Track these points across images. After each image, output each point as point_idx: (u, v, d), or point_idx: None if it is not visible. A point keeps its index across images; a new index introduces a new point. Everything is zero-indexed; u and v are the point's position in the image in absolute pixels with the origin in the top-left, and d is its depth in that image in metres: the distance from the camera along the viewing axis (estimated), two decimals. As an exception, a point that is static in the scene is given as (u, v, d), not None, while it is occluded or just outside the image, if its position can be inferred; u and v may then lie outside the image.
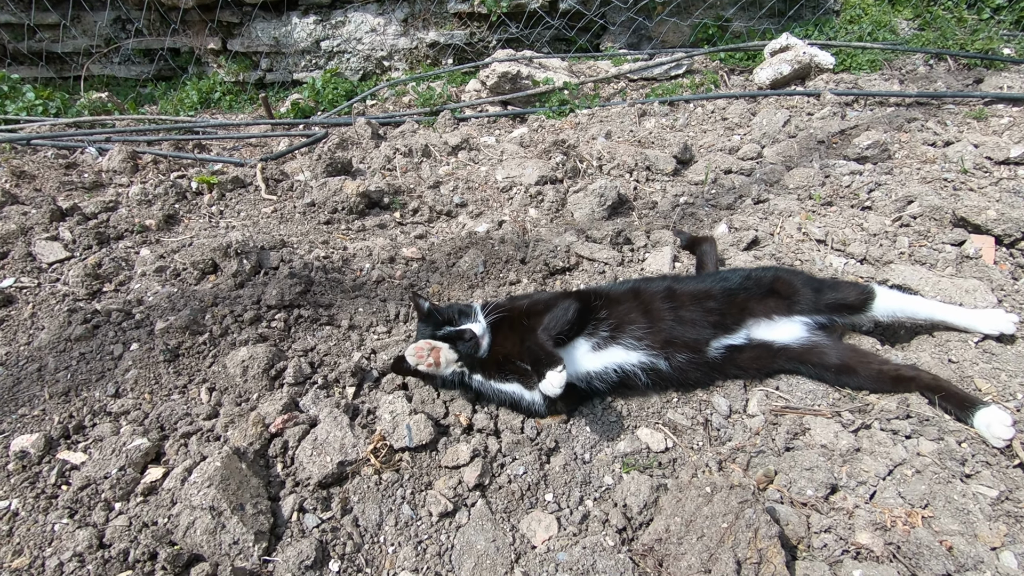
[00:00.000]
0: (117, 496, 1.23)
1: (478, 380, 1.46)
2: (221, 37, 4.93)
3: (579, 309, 1.49)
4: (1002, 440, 1.32)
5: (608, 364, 1.47)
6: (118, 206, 2.47)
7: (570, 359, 1.45)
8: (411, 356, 1.36)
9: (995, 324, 1.61)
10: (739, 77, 4.13)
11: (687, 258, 2.15)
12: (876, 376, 1.51)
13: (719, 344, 1.53)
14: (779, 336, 1.58)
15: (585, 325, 1.50)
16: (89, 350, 1.63)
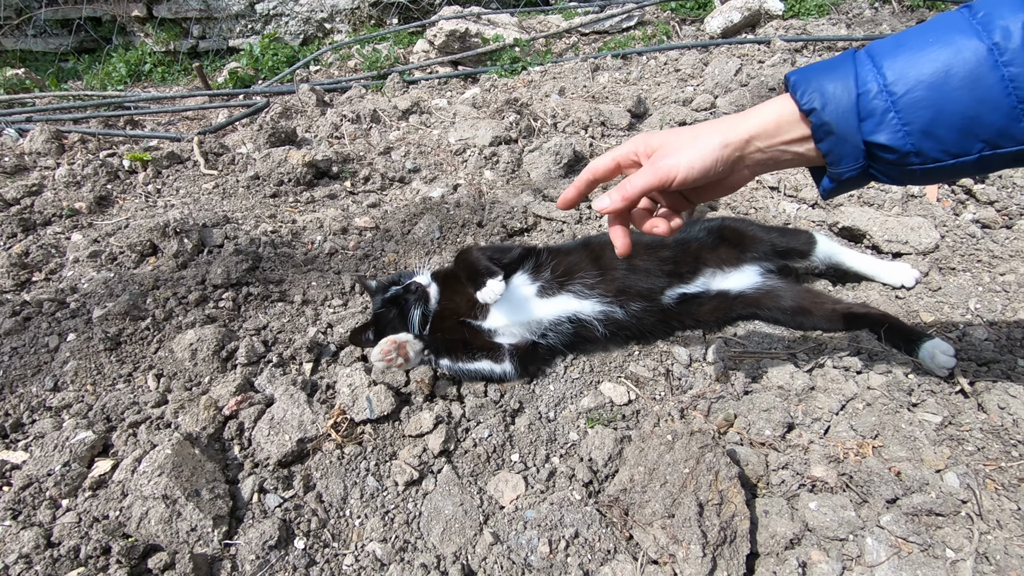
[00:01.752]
0: (63, 493, 1.18)
1: (446, 364, 1.43)
2: (145, 3, 4.58)
3: (523, 250, 1.49)
4: (945, 369, 1.38)
5: (561, 312, 1.46)
6: (43, 190, 2.30)
7: (519, 305, 1.45)
8: (379, 361, 1.29)
9: (900, 277, 1.72)
10: (690, 27, 4.08)
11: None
12: (829, 316, 1.55)
13: (674, 293, 1.54)
14: (735, 284, 1.60)
15: (525, 264, 1.49)
16: (21, 344, 1.54)
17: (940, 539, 1.06)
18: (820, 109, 0.80)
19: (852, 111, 0.78)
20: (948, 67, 0.74)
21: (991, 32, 0.72)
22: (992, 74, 0.72)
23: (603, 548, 1.09)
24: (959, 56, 0.73)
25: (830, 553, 1.05)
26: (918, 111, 0.75)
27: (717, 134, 0.87)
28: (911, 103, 0.75)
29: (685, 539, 1.01)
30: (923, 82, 0.75)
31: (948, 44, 0.74)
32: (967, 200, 2.09)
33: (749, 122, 0.87)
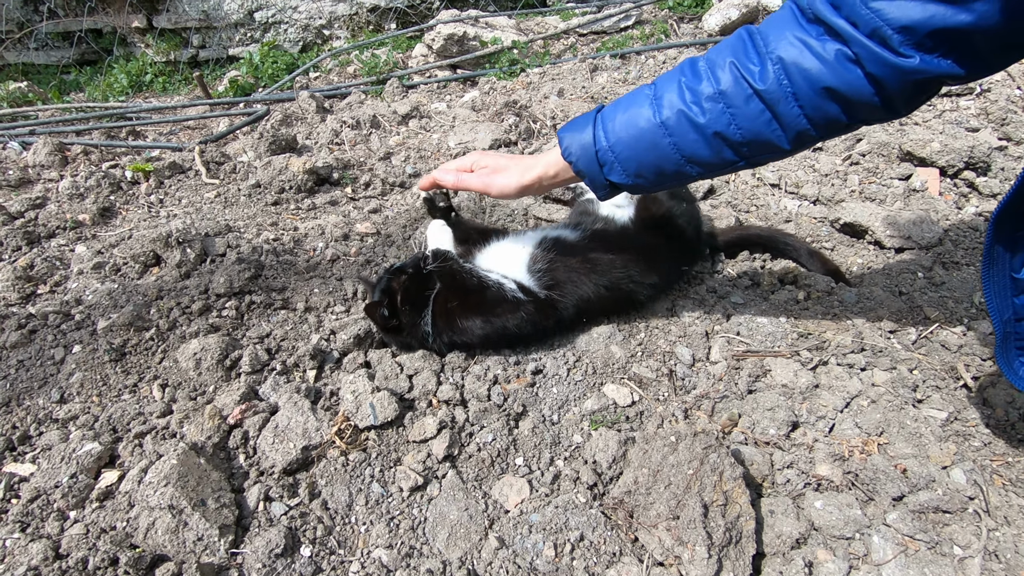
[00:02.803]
0: (71, 504, 1.18)
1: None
2: (145, 14, 4.61)
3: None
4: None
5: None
6: (47, 202, 2.32)
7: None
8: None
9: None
10: (689, 25, 4.07)
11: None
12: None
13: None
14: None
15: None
16: (28, 356, 1.55)
17: (947, 536, 1.06)
18: (576, 161, 1.21)
19: (595, 162, 1.19)
20: (639, 134, 1.12)
21: (661, 110, 1.10)
22: (663, 141, 1.10)
23: (608, 551, 1.09)
24: (644, 126, 1.12)
25: (836, 552, 1.05)
26: (629, 163, 1.15)
27: (516, 175, 1.31)
28: (624, 158, 1.15)
29: (690, 540, 1.01)
30: (628, 144, 1.14)
31: (638, 116, 1.12)
32: (970, 193, 2.08)
33: (539, 168, 1.29)
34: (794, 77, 0.97)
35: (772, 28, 1.01)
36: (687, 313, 1.67)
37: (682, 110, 1.07)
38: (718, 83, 1.04)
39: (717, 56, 1.07)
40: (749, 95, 1.02)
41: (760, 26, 1.04)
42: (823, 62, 0.95)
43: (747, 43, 1.03)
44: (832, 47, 0.94)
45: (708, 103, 1.05)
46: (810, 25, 0.97)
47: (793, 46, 0.97)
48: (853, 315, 1.62)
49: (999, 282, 1.03)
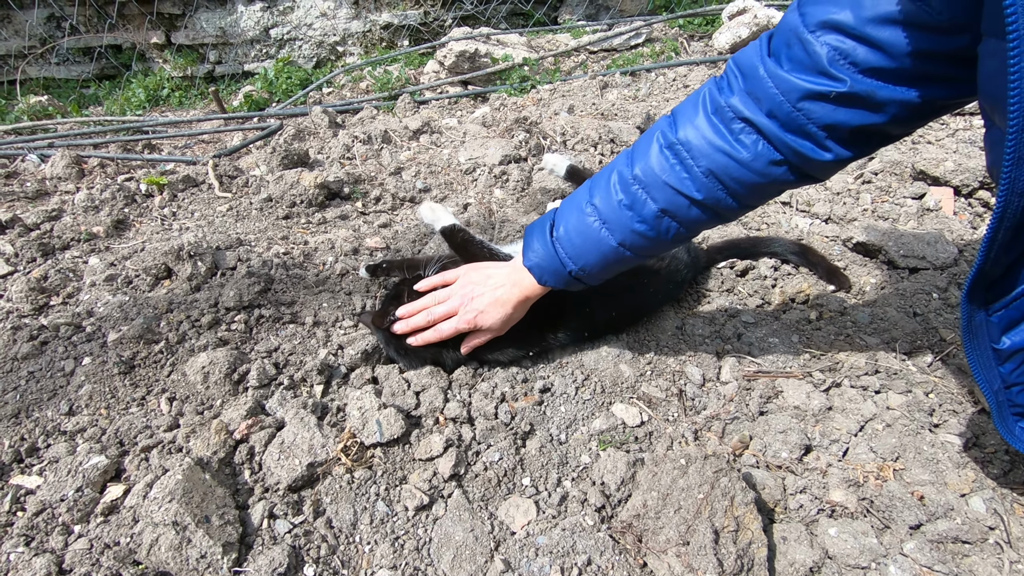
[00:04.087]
0: (76, 519, 1.18)
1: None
2: (164, 30, 4.71)
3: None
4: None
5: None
6: (63, 214, 2.35)
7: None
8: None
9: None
10: (699, 43, 4.09)
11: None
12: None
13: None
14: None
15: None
16: (38, 368, 1.56)
17: (967, 568, 1.03)
18: (539, 278, 1.34)
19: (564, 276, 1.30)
20: (585, 234, 1.23)
21: (593, 209, 1.21)
22: (600, 233, 1.20)
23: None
24: (587, 227, 1.22)
25: (852, 582, 1.02)
26: (579, 258, 1.26)
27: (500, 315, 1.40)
28: (576, 255, 1.26)
29: (700, 567, 0.99)
30: (576, 245, 1.25)
31: (582, 221, 1.23)
32: (984, 213, 2.05)
33: (524, 290, 1.36)
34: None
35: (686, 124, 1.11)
36: (697, 332, 1.66)
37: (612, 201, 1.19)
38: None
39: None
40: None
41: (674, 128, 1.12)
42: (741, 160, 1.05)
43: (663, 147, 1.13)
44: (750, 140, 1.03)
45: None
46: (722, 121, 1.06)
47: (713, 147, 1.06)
48: (866, 336, 1.60)
49: (982, 354, 1.02)
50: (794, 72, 0.93)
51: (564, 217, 1.27)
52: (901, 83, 0.88)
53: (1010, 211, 0.82)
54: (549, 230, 1.29)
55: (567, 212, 1.27)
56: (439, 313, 1.43)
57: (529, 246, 1.33)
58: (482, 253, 1.67)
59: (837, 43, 0.88)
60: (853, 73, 0.88)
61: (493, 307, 1.37)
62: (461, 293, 1.42)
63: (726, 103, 1.02)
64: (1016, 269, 0.91)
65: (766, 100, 0.96)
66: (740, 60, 1.03)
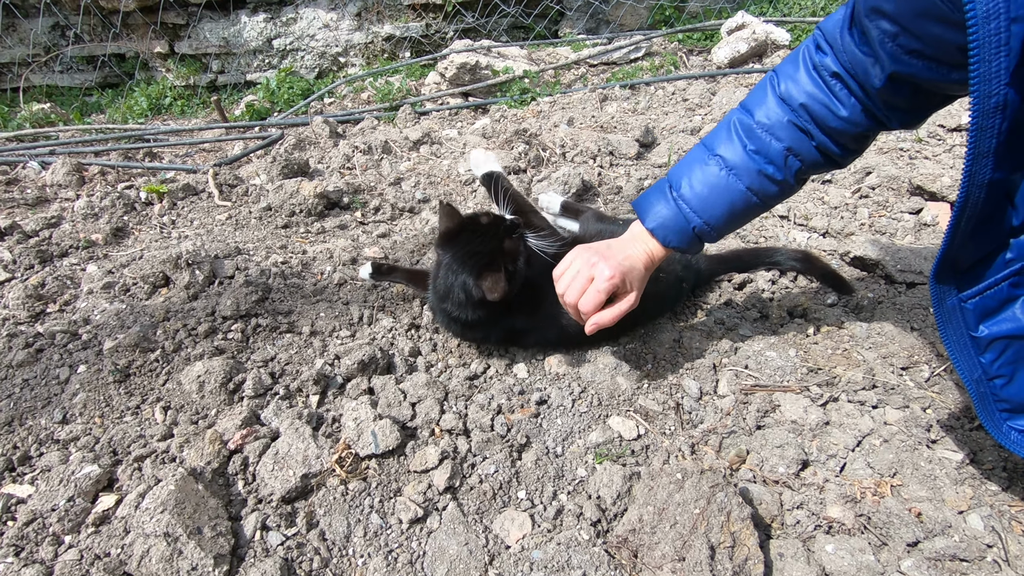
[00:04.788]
0: (66, 529, 1.17)
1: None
2: (167, 40, 4.75)
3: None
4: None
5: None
6: (62, 221, 2.35)
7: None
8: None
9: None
10: (698, 57, 4.13)
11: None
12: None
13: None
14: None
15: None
16: (33, 375, 1.55)
17: (965, 587, 1.02)
18: (664, 239, 1.31)
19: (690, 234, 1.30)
20: (712, 184, 1.25)
21: (718, 160, 1.25)
22: (727, 180, 1.24)
23: (612, 592, 1.05)
24: (714, 177, 1.25)
25: (849, 600, 1.01)
26: (705, 210, 1.27)
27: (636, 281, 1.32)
28: (703, 207, 1.27)
29: (696, 584, 0.98)
30: (703, 196, 1.27)
31: (708, 172, 1.25)
32: (982, 228, 2.06)
33: (649, 250, 1.33)
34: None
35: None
36: (694, 345, 1.65)
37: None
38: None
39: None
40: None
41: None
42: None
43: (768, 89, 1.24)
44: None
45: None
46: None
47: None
48: (864, 350, 1.60)
49: (959, 341, 1.05)
50: (860, 48, 1.05)
51: (683, 175, 1.28)
52: (940, 64, 0.94)
53: (971, 201, 0.90)
54: (668, 190, 1.29)
55: (686, 171, 1.28)
56: (576, 290, 1.29)
57: (648, 209, 1.31)
58: (525, 205, 1.76)
59: (886, 27, 0.96)
60: (900, 54, 0.96)
61: (629, 261, 1.28)
62: (589, 260, 1.29)
63: (821, 63, 1.14)
64: (991, 258, 0.97)
65: (848, 66, 1.10)
66: (826, 29, 1.14)
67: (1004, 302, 0.96)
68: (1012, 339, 0.96)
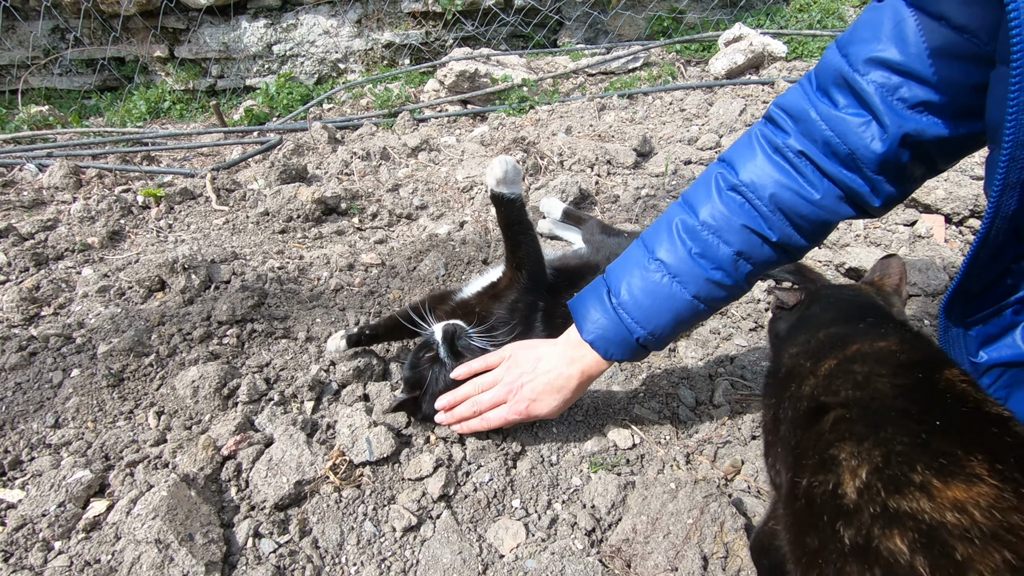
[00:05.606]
0: (56, 534, 1.16)
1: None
2: (167, 44, 4.76)
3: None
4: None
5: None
6: (58, 224, 2.35)
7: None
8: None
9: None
10: (695, 68, 4.16)
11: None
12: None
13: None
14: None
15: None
16: (26, 379, 1.54)
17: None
18: (605, 352, 1.21)
19: (633, 345, 1.19)
20: (654, 292, 1.14)
21: (659, 264, 1.13)
22: (671, 288, 1.13)
23: (605, 603, 1.05)
24: (655, 285, 1.14)
25: (843, 612, 1.01)
26: (648, 321, 1.16)
27: (556, 402, 1.27)
28: (645, 318, 1.16)
29: (690, 595, 0.97)
30: (645, 306, 1.16)
31: (648, 279, 1.14)
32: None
33: (585, 369, 1.24)
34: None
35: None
36: (690, 354, 1.66)
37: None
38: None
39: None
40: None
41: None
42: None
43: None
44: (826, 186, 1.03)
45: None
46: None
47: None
48: (859, 361, 1.60)
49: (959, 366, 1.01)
50: (846, 111, 0.93)
51: (621, 279, 1.16)
52: (949, 117, 0.87)
53: (993, 233, 0.83)
54: (607, 296, 1.18)
55: (624, 273, 1.17)
56: (485, 402, 1.29)
57: (584, 318, 1.20)
58: (524, 242, 1.47)
59: (884, 79, 0.88)
60: (902, 109, 0.88)
61: (547, 394, 1.24)
62: (508, 380, 1.27)
63: (783, 143, 1.01)
64: (995, 287, 0.92)
65: (822, 141, 0.97)
66: (786, 104, 1.02)
67: (1006, 329, 0.93)
68: (1009, 366, 0.93)
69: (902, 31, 0.86)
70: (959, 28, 0.81)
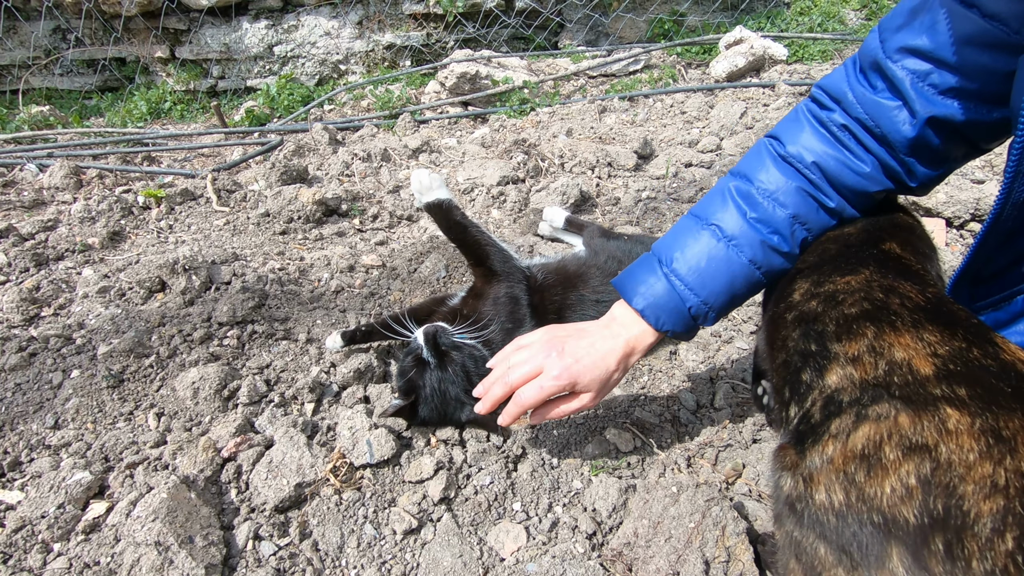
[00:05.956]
0: (56, 536, 1.15)
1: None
2: (169, 45, 4.76)
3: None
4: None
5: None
6: (58, 225, 2.34)
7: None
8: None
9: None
10: (696, 71, 4.17)
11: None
12: None
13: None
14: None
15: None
16: (26, 380, 1.54)
17: (961, 604, 1.01)
18: (656, 321, 1.13)
19: (688, 318, 1.13)
20: (710, 256, 1.10)
21: (715, 230, 1.10)
22: (727, 252, 1.09)
23: (606, 606, 1.04)
24: (711, 249, 1.10)
25: (844, 617, 1.00)
26: (703, 287, 1.11)
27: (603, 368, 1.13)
28: (699, 283, 1.11)
29: (692, 599, 0.97)
30: (699, 271, 1.11)
31: (704, 244, 1.10)
32: (976, 245, 2.07)
33: (631, 340, 1.14)
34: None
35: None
36: (691, 357, 1.66)
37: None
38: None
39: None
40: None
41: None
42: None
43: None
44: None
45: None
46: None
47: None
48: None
49: None
50: (881, 95, 0.96)
51: (673, 248, 1.12)
52: (981, 103, 0.89)
53: (1004, 217, 0.85)
54: (658, 265, 1.13)
55: (676, 243, 1.12)
56: (518, 377, 1.11)
57: (636, 286, 1.13)
58: (481, 241, 1.50)
59: (915, 66, 0.90)
60: (933, 95, 0.90)
61: (591, 361, 1.10)
62: (545, 348, 1.12)
63: (828, 118, 1.03)
64: (1007, 273, 0.93)
65: (859, 120, 1.00)
66: (828, 86, 1.04)
67: (1016, 315, 0.93)
68: None
69: (934, 19, 0.87)
70: (990, 16, 0.82)
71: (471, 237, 1.56)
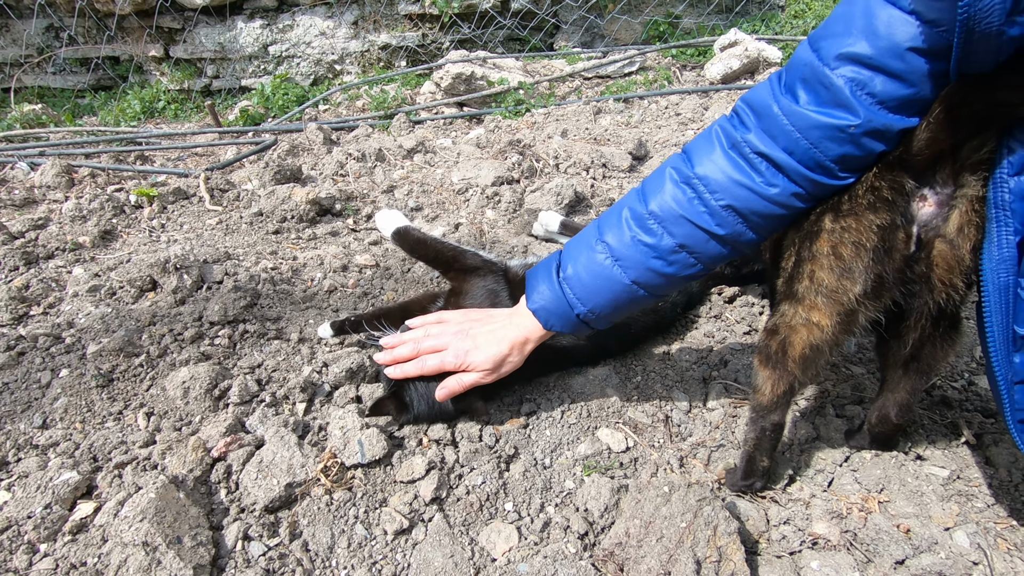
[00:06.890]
0: (42, 537, 1.14)
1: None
2: (163, 44, 4.74)
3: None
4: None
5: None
6: (49, 223, 2.32)
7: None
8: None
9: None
10: (691, 73, 4.18)
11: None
12: None
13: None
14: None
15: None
16: (13, 379, 1.52)
17: (951, 604, 1.02)
18: (546, 322, 1.27)
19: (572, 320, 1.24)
20: (596, 273, 1.18)
21: (604, 247, 1.17)
22: (612, 271, 1.16)
23: (597, 607, 1.04)
24: (598, 266, 1.17)
25: (835, 617, 1.01)
26: (589, 299, 1.21)
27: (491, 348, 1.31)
28: (586, 295, 1.21)
29: (683, 599, 0.97)
30: (586, 284, 1.20)
31: (593, 260, 1.18)
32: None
33: (526, 331, 1.30)
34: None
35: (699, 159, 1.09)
36: (684, 358, 1.66)
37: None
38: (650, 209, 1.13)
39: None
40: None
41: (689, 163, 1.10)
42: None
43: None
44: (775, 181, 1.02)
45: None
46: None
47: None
48: (852, 365, 1.61)
49: (1003, 334, 0.94)
50: (810, 106, 0.93)
51: (572, 257, 1.21)
52: (919, 111, 0.87)
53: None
54: (556, 271, 1.23)
55: (575, 252, 1.21)
56: (427, 346, 1.34)
57: (534, 288, 1.26)
58: (443, 250, 1.60)
59: (854, 74, 0.87)
60: (870, 104, 0.88)
61: (487, 344, 1.29)
62: (456, 329, 1.34)
63: (742, 139, 1.01)
64: None
65: (782, 137, 0.96)
66: (751, 99, 1.02)
67: None
68: None
69: (873, 26, 0.85)
70: (930, 22, 0.81)
71: (431, 249, 1.65)
